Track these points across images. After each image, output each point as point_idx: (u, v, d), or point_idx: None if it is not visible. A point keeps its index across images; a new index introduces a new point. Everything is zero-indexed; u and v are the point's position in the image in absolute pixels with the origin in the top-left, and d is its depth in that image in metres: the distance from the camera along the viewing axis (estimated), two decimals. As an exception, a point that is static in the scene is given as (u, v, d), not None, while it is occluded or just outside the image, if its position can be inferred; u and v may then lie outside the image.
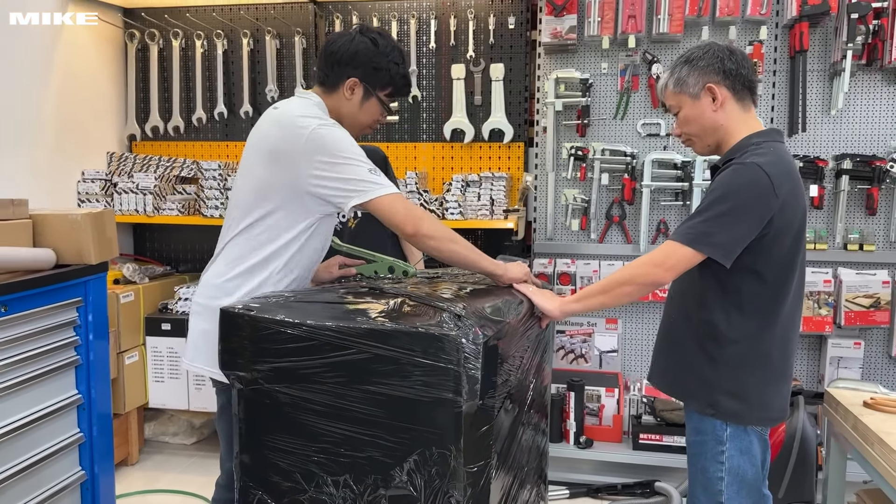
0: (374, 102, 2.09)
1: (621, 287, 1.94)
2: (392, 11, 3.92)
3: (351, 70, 2.03)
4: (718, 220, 1.82)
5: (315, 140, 1.91)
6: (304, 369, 1.69)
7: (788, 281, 1.91)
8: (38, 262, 2.29)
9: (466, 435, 1.60)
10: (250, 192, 2.01)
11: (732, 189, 1.83)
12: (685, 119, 2.00)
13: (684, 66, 1.96)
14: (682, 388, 2.05)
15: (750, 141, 1.94)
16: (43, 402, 2.32)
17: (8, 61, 3.47)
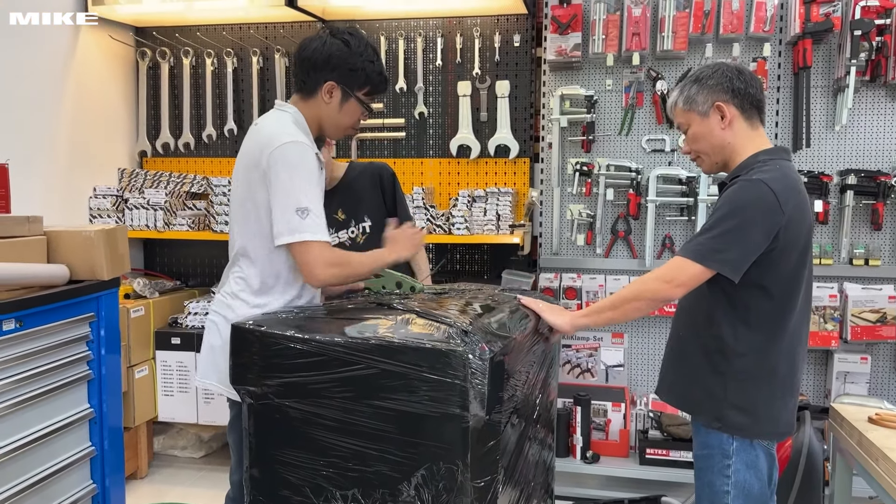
0: (354, 103, 2.10)
1: (630, 303, 1.97)
2: (399, 29, 3.97)
3: (327, 73, 2.05)
4: (726, 236, 1.85)
5: (273, 159, 1.94)
6: (314, 384, 1.72)
7: (795, 295, 1.93)
8: (53, 277, 2.33)
9: (473, 450, 1.63)
10: (242, 210, 2.06)
11: (739, 205, 1.86)
12: (694, 136, 2.03)
13: (694, 85, 2.00)
14: (690, 402, 2.08)
15: (756, 159, 1.97)
16: (56, 416, 2.35)
17: (21, 80, 3.53)
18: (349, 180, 2.85)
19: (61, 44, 3.78)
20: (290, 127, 2.04)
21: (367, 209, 2.84)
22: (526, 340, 1.93)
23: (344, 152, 4.09)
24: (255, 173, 2.01)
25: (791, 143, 3.53)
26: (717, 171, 2.08)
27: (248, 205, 2.05)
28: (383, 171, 2.86)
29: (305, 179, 1.95)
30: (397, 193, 2.87)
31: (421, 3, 3.71)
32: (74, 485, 2.44)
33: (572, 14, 3.59)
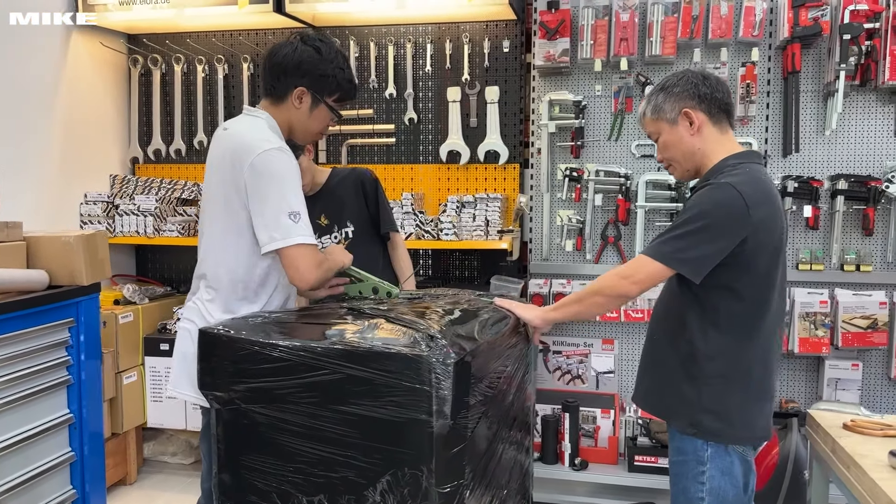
0: (324, 109, 2.12)
1: (592, 297, 2.01)
2: (388, 35, 3.98)
3: (297, 79, 2.06)
4: (690, 236, 1.85)
5: (256, 166, 1.95)
6: (280, 390, 1.71)
7: (767, 299, 1.92)
8: (31, 283, 2.34)
9: (438, 455, 1.61)
10: (214, 216, 2.06)
11: (706, 207, 1.86)
12: (665, 145, 2.04)
13: (660, 94, 2.02)
14: (664, 408, 2.06)
15: (726, 163, 1.97)
16: (35, 421, 2.36)
17: (11, 87, 3.55)
18: (332, 186, 2.85)
19: (53, 51, 3.81)
20: (268, 133, 2.04)
21: (349, 215, 2.85)
22: (498, 344, 1.92)
23: (335, 158, 4.10)
24: (231, 179, 2.01)
25: (781, 148, 3.52)
26: (689, 177, 2.08)
27: (222, 210, 2.05)
28: (365, 176, 2.86)
29: (294, 185, 1.97)
30: (380, 199, 2.87)
31: (410, 9, 3.72)
32: (54, 490, 2.44)
33: (560, 19, 3.58)
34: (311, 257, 1.95)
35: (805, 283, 3.50)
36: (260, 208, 1.95)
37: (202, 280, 2.09)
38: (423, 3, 3.60)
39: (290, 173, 1.98)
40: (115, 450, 3.64)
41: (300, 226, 1.94)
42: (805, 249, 3.52)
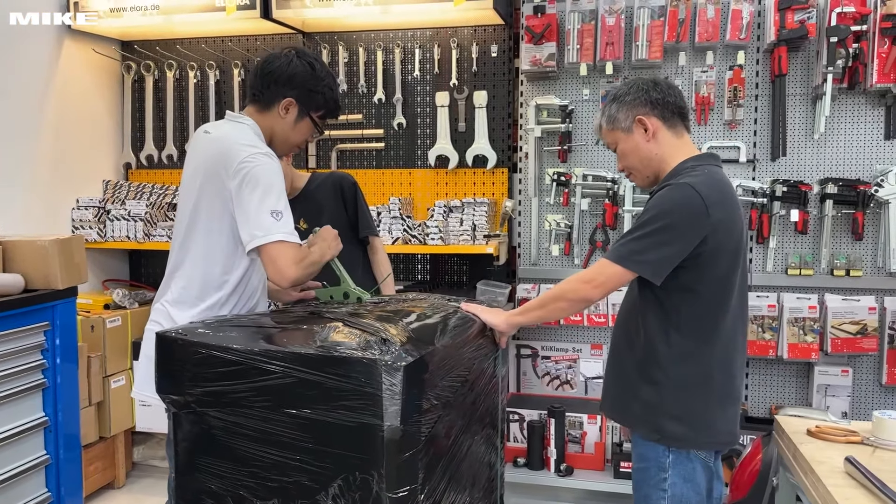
0: (307, 122, 2.18)
1: (555, 302, 2.01)
2: (377, 41, 3.98)
3: (287, 90, 2.12)
4: (649, 238, 1.85)
5: (242, 171, 1.98)
6: (233, 393, 1.71)
7: (726, 300, 1.91)
8: (6, 286, 2.36)
9: (389, 460, 1.60)
10: (191, 218, 2.07)
11: (665, 209, 1.86)
12: (623, 153, 2.05)
13: (613, 104, 2.03)
14: (628, 415, 2.04)
15: (684, 165, 1.97)
16: (9, 424, 2.37)
17: (5, 93, 3.59)
18: (310, 190, 2.86)
19: (45, 57, 3.85)
20: (253, 138, 2.09)
21: (328, 219, 2.83)
22: (458, 347, 1.91)
23: (324, 163, 4.11)
24: (215, 183, 2.04)
25: (769, 152, 3.49)
26: (649, 184, 2.07)
27: (203, 214, 2.07)
28: (344, 181, 2.86)
29: (278, 188, 2.01)
30: (359, 203, 2.86)
31: (399, 15, 3.72)
32: (29, 492, 2.46)
33: (546, 24, 3.58)
34: (290, 254, 1.97)
35: (794, 289, 3.47)
36: (244, 209, 1.98)
37: (173, 282, 2.11)
38: (409, 9, 3.60)
39: (275, 177, 2.02)
40: (102, 453, 3.66)
41: (281, 223, 1.98)
42: (794, 254, 3.49)
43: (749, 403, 3.60)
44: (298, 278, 2.02)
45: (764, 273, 3.51)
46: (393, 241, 3.67)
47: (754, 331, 3.43)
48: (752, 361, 3.59)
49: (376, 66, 3.99)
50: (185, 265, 2.11)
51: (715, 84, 3.52)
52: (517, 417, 3.60)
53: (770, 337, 3.43)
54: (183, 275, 2.11)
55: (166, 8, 3.81)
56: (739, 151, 3.53)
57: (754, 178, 3.52)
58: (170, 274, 2.14)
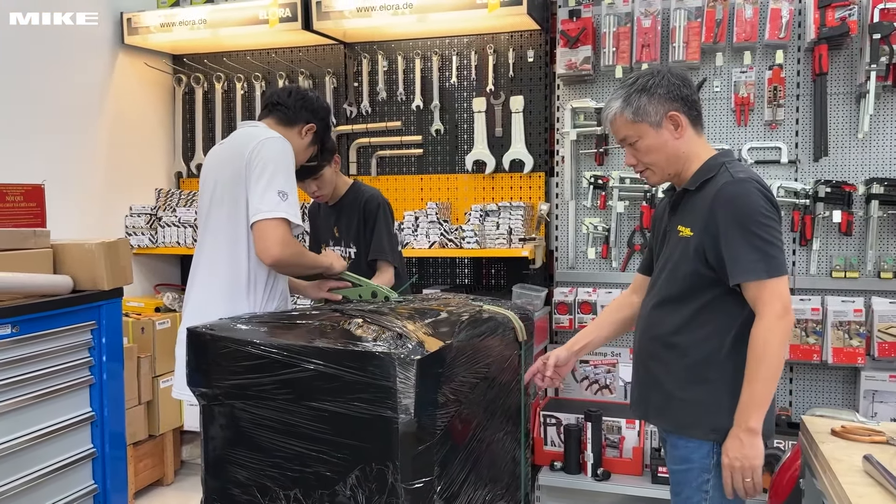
0: (313, 149, 2.47)
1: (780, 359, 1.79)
2: (415, 49, 4.05)
3: (313, 117, 2.40)
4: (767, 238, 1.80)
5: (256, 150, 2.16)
6: (257, 386, 1.78)
7: None
8: (56, 287, 2.49)
9: (404, 452, 1.64)
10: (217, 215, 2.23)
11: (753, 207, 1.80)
12: (647, 148, 1.93)
13: (642, 95, 1.91)
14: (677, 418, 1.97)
15: (717, 161, 1.92)
16: (58, 417, 2.49)
17: (61, 106, 3.79)
18: (348, 201, 2.92)
19: (100, 71, 4.04)
20: (268, 130, 2.27)
21: (354, 236, 2.90)
22: (477, 344, 1.93)
23: (364, 169, 4.19)
24: (232, 174, 2.19)
25: (811, 153, 3.42)
26: (666, 181, 2.02)
27: (227, 208, 2.22)
28: (369, 202, 2.88)
29: (286, 168, 2.16)
30: (377, 225, 2.87)
31: (436, 23, 3.79)
32: (77, 483, 2.57)
33: (581, 27, 3.59)
34: (279, 234, 2.10)
35: (838, 292, 3.38)
36: (253, 189, 2.14)
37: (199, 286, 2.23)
38: (445, 17, 3.66)
39: (285, 158, 2.19)
40: (152, 451, 3.80)
41: (287, 203, 2.12)
42: (838, 256, 3.40)
43: (793, 409, 3.52)
44: (280, 259, 2.13)
45: (807, 276, 3.43)
46: (430, 245, 3.72)
47: (797, 335, 3.36)
48: (796, 366, 3.51)
49: (414, 74, 4.06)
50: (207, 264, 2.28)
51: (754, 84, 3.47)
52: (554, 421, 3.59)
53: (814, 341, 3.35)
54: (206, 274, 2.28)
55: (213, 22, 3.97)
56: (781, 152, 3.46)
57: (796, 179, 3.45)
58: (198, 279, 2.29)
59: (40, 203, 2.95)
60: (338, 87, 4.24)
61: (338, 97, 4.24)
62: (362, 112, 4.17)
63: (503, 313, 2.15)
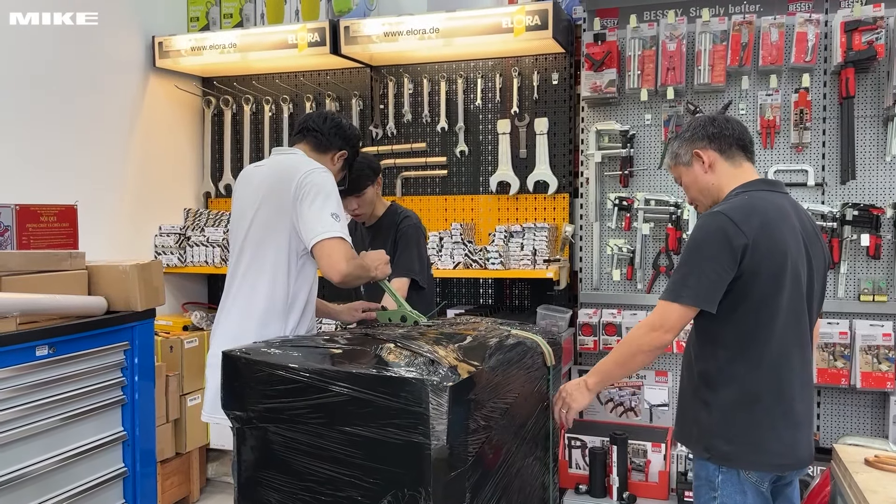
0: (343, 174, 2.53)
1: (633, 358, 2.04)
2: (441, 72, 4.10)
3: (345, 144, 2.47)
4: (690, 269, 1.91)
5: (304, 182, 2.23)
6: (291, 410, 1.80)
7: (770, 322, 1.91)
8: (90, 308, 2.54)
9: (436, 478, 1.65)
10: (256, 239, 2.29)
11: (697, 237, 1.94)
12: (686, 185, 2.17)
13: (676, 141, 2.16)
14: (685, 434, 2.09)
15: (732, 193, 2.03)
16: (91, 437, 2.53)
17: (92, 127, 3.88)
18: (385, 223, 2.97)
19: (130, 92, 4.13)
20: (309, 161, 2.35)
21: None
22: (510, 369, 1.95)
23: (389, 190, 4.23)
24: (276, 202, 2.26)
25: (838, 175, 3.40)
26: None
27: (272, 233, 2.27)
28: (403, 224, 2.95)
29: (335, 197, 2.26)
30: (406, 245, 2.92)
31: (461, 47, 3.83)
32: (108, 501, 2.61)
33: (606, 51, 3.61)
34: (344, 250, 2.19)
35: (867, 315, 3.35)
36: (306, 213, 2.22)
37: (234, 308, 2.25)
38: (471, 41, 3.70)
39: (332, 187, 2.28)
40: (178, 469, 3.83)
41: (340, 224, 2.22)
42: (867, 280, 3.38)
43: (821, 433, 3.48)
44: (349, 273, 2.20)
45: (835, 299, 3.41)
46: (455, 266, 3.74)
47: (825, 359, 3.33)
48: (823, 390, 3.48)
49: (440, 96, 4.10)
50: (248, 291, 2.30)
51: (780, 107, 3.47)
52: (579, 444, 3.58)
53: (842, 365, 3.32)
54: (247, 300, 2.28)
55: (243, 46, 4.04)
56: (807, 175, 3.45)
57: (823, 202, 3.44)
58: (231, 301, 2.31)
59: (73, 223, 3.01)
60: (364, 110, 4.29)
61: (364, 119, 4.29)
62: (388, 134, 4.21)
63: (531, 338, 2.17)
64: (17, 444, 2.27)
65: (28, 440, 2.30)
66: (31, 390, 2.31)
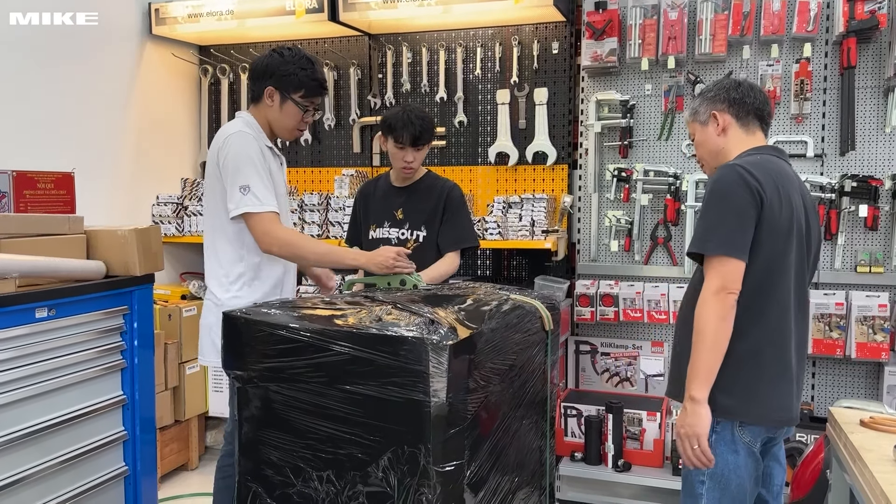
0: (291, 104, 2.45)
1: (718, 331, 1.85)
2: (440, 41, 4.07)
3: (266, 80, 2.44)
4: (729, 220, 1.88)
5: (223, 149, 2.36)
6: (292, 369, 1.81)
7: (779, 280, 1.92)
8: (88, 272, 2.53)
9: (435, 435, 1.67)
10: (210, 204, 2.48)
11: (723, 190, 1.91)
12: (698, 143, 2.18)
13: (698, 98, 2.17)
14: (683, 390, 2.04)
15: (741, 154, 2.04)
16: (90, 400, 2.54)
17: (89, 96, 3.84)
18: (420, 187, 2.95)
19: (127, 61, 4.09)
20: (237, 125, 2.44)
21: (426, 221, 2.91)
22: (508, 332, 1.96)
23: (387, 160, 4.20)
24: (213, 171, 2.42)
25: (837, 147, 3.40)
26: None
27: (217, 197, 2.42)
28: (453, 191, 2.94)
29: (245, 161, 2.33)
30: (461, 216, 2.94)
31: (460, 15, 3.80)
32: (108, 464, 2.62)
33: (607, 20, 3.59)
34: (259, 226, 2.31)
35: (863, 286, 3.37)
36: (225, 184, 2.35)
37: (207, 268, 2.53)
38: (470, 9, 3.67)
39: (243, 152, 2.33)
40: (177, 436, 3.86)
41: (247, 198, 2.30)
42: (864, 251, 3.39)
43: (815, 403, 3.52)
44: (269, 249, 2.34)
45: (832, 270, 3.42)
46: (453, 236, 3.74)
47: (821, 329, 3.35)
48: (819, 360, 3.51)
49: (438, 66, 4.07)
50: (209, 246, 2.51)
51: (781, 77, 3.46)
52: (575, 412, 3.61)
53: (837, 336, 3.34)
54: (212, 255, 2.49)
55: (240, 13, 4.00)
56: (806, 146, 3.45)
57: (822, 174, 3.44)
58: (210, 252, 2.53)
59: (70, 191, 2.99)
60: (362, 79, 4.26)
61: (362, 88, 4.27)
62: (386, 103, 4.19)
63: (530, 303, 2.18)
64: (18, 404, 2.28)
65: (28, 401, 2.31)
66: (32, 352, 2.31)
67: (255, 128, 2.45)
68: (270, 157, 2.47)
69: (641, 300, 3.65)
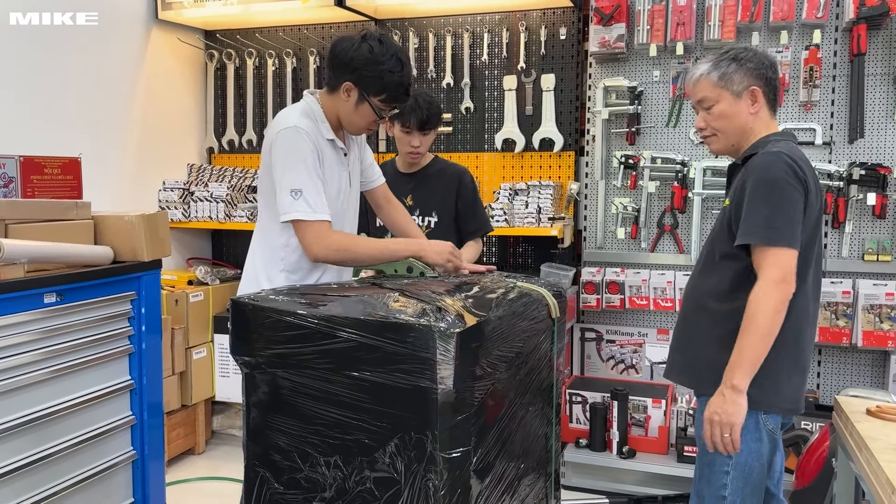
0: (367, 107, 2.17)
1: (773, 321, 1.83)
2: (447, 26, 4.05)
3: (347, 74, 2.14)
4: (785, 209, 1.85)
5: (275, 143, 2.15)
6: (299, 355, 1.81)
7: (806, 269, 1.92)
8: (96, 257, 2.54)
9: (442, 422, 1.68)
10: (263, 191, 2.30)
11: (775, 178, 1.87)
12: (721, 114, 2.02)
13: (732, 63, 2.00)
14: (702, 380, 2.04)
15: (769, 139, 2.01)
16: (98, 385, 2.55)
17: (95, 81, 3.84)
18: (429, 172, 2.94)
19: (133, 46, 4.08)
20: (293, 115, 2.20)
21: (437, 206, 2.90)
22: (516, 320, 1.96)
23: (393, 147, 4.21)
24: (267, 159, 2.22)
25: (846, 134, 3.38)
26: (727, 152, 2.09)
27: (268, 192, 2.24)
28: (464, 176, 2.95)
29: (296, 162, 2.10)
30: (477, 201, 2.95)
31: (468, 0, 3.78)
32: (116, 449, 2.64)
33: (615, 5, 3.56)
34: (308, 233, 2.11)
35: (870, 275, 3.36)
36: (276, 184, 2.15)
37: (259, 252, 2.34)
38: (478, -7, 3.66)
39: (294, 151, 2.11)
40: (184, 421, 3.89)
41: (298, 203, 2.09)
42: (871, 240, 3.38)
43: (820, 391, 3.52)
44: (324, 258, 2.16)
45: (839, 258, 3.42)
46: (459, 223, 3.73)
47: (827, 317, 3.35)
48: (825, 349, 3.51)
49: (445, 51, 4.06)
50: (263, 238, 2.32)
51: (790, 64, 3.44)
52: (580, 399, 3.62)
53: (844, 324, 3.34)
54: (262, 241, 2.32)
55: (246, -3, 3.99)
56: (815, 133, 3.43)
57: (830, 161, 3.42)
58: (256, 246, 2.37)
59: (77, 176, 3.00)
60: (368, 64, 4.24)
61: (368, 74, 4.25)
62: (392, 89, 4.17)
63: (537, 290, 2.18)
64: (27, 389, 2.29)
65: (37, 386, 2.32)
66: (40, 337, 2.32)
67: (317, 117, 2.21)
68: (330, 151, 2.23)
69: (647, 288, 3.66)
